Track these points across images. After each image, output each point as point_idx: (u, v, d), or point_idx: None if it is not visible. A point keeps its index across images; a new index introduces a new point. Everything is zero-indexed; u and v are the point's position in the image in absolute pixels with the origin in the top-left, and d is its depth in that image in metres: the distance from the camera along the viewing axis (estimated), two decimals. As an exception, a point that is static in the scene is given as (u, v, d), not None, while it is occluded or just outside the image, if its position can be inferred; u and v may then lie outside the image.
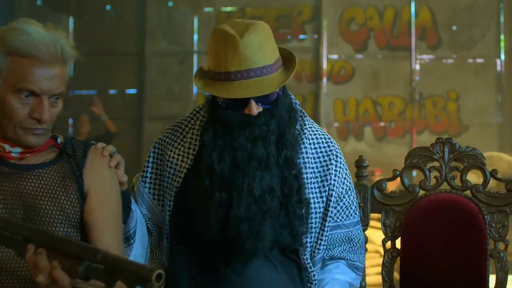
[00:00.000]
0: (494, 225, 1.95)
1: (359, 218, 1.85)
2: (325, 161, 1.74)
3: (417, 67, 6.92)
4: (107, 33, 6.84)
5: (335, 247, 1.81)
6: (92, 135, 5.78)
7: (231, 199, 1.63)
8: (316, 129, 1.80)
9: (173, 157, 1.75)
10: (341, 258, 1.82)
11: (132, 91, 7.13)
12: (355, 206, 1.82)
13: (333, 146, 1.78)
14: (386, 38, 6.90)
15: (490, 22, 6.86)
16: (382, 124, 6.80)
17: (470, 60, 6.98)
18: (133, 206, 1.75)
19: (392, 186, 2.22)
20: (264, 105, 1.62)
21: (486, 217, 1.94)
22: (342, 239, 1.82)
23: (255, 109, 1.60)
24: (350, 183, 1.80)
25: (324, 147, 1.77)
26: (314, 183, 1.73)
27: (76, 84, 6.77)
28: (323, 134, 1.80)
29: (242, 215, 1.61)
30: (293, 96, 1.77)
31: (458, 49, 6.87)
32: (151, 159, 1.81)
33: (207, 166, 1.66)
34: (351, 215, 1.81)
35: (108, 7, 7.02)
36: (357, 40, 6.89)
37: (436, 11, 6.86)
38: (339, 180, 1.76)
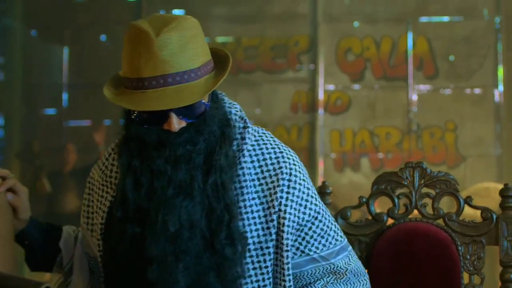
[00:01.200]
0: (468, 257, 1.83)
1: (343, 244, 1.55)
2: (272, 182, 1.45)
3: (414, 97, 6.89)
4: (102, 63, 6.85)
5: (316, 281, 1.52)
6: (82, 165, 5.76)
7: (144, 234, 1.36)
8: (264, 142, 1.51)
9: (98, 188, 1.54)
10: None
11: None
12: (334, 232, 1.54)
13: (284, 162, 1.48)
14: (383, 68, 6.89)
15: (487, 52, 6.84)
16: (379, 155, 6.76)
17: (468, 91, 6.96)
18: (62, 243, 1.58)
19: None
20: (188, 118, 1.37)
21: (460, 248, 1.82)
22: (324, 273, 1.53)
23: (176, 124, 1.35)
24: (317, 205, 1.51)
25: (271, 164, 1.47)
26: (257, 211, 1.45)
27: (71, 114, 6.81)
28: (272, 149, 1.50)
29: (153, 255, 1.34)
30: (234, 105, 1.52)
31: (456, 79, 6.86)
32: (85, 194, 1.61)
33: (120, 194, 1.41)
34: (329, 243, 1.52)
35: (103, 37, 7.01)
36: (353, 70, 6.89)
37: (433, 41, 6.85)
38: (294, 204, 1.46)
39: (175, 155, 1.36)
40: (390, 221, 1.88)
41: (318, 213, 1.52)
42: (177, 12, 6.98)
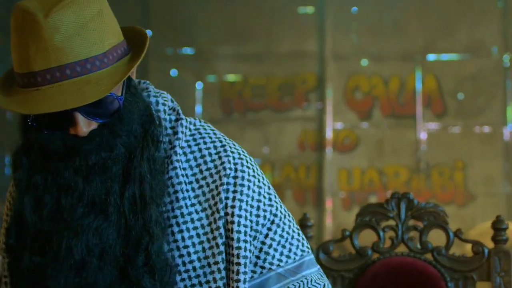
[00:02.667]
0: None
1: (311, 257, 1.30)
2: (213, 181, 1.21)
3: (423, 135, 6.90)
4: None
5: None
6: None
7: (45, 265, 1.12)
8: (202, 136, 1.27)
9: (5, 211, 1.29)
10: None
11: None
12: (298, 240, 1.27)
13: (227, 156, 1.23)
14: (391, 106, 6.92)
15: (496, 90, 6.86)
16: (387, 193, 6.75)
17: (477, 129, 6.95)
18: None
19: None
20: (99, 118, 1.12)
21: (449, 284, 1.74)
22: None
23: (84, 126, 1.11)
24: (273, 206, 1.25)
25: (212, 160, 1.23)
26: (199, 219, 1.20)
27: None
28: (212, 143, 1.26)
29: None
30: (162, 95, 1.27)
31: (464, 117, 6.86)
32: (4, 215, 1.34)
33: (16, 216, 1.16)
34: (294, 254, 1.27)
35: None
36: (362, 108, 6.92)
37: (441, 79, 6.89)
38: (244, 204, 1.21)
39: (86, 164, 1.11)
40: (375, 255, 1.81)
41: (276, 215, 1.26)
42: (186, 50, 7.09)
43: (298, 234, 1.30)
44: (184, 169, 1.24)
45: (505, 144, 6.98)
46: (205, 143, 1.27)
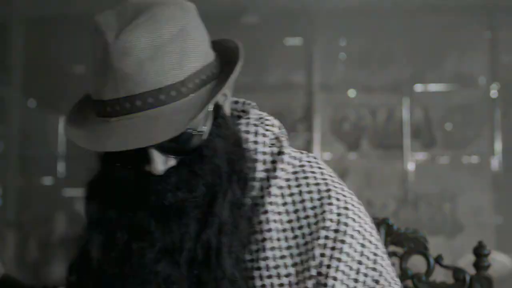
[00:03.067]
0: None
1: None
2: (310, 233, 1.04)
3: (411, 166, 6.99)
4: None
5: None
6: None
7: None
8: (306, 175, 1.08)
9: None
10: None
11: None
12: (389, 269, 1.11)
13: (329, 204, 1.05)
14: (379, 137, 7.01)
15: (484, 120, 6.96)
16: (376, 224, 6.83)
17: (465, 159, 7.04)
18: None
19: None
20: (177, 154, 0.98)
21: None
22: None
23: (161, 164, 0.97)
24: (379, 271, 1.07)
25: (312, 208, 1.05)
26: (287, 275, 1.04)
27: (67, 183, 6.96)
28: (316, 185, 1.06)
29: None
30: (263, 120, 1.10)
31: (453, 148, 6.95)
32: None
33: (79, 252, 1.05)
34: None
35: None
36: (349, 139, 6.99)
37: (429, 109, 7.00)
38: (342, 266, 1.03)
39: (161, 205, 0.98)
40: (355, 284, 1.80)
41: (377, 282, 1.06)
42: None
43: (388, 265, 1.12)
44: (279, 213, 1.06)
45: (493, 174, 7.08)
46: (307, 184, 1.08)
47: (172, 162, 0.99)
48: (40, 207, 6.89)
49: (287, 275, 1.03)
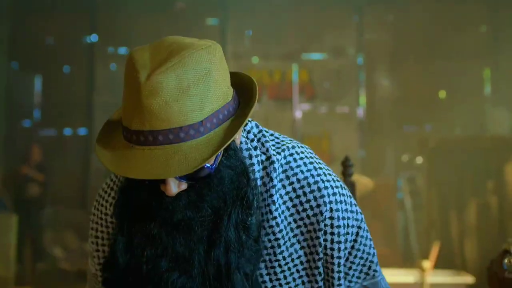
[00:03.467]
0: None
1: (382, 276, 1.28)
2: (311, 224, 1.13)
3: (298, 114, 8.63)
4: (65, 87, 8.72)
5: None
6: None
7: None
8: (294, 172, 1.15)
9: (92, 241, 1.24)
10: None
11: (83, 131, 9.08)
12: (373, 261, 1.24)
13: (321, 197, 1.14)
14: (275, 92, 8.57)
15: (352, 81, 8.56)
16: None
17: (338, 109, 8.69)
18: None
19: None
20: (189, 180, 1.02)
21: None
22: None
23: (174, 187, 1.01)
24: (361, 235, 1.20)
25: (307, 201, 1.13)
26: (298, 257, 1.15)
27: (41, 124, 8.73)
28: (305, 179, 1.15)
29: None
30: (255, 144, 1.15)
31: (329, 101, 8.59)
32: (92, 238, 1.27)
33: (109, 252, 1.10)
34: (374, 271, 1.25)
35: (66, 68, 8.77)
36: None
37: (312, 73, 8.61)
38: (342, 246, 1.16)
39: (171, 220, 1.03)
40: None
41: (362, 240, 1.21)
42: (122, 50, 8.73)
43: (373, 255, 1.23)
44: (283, 211, 1.13)
45: (359, 121, 8.79)
46: (298, 180, 1.14)
47: (183, 186, 1.02)
48: (20, 144, 8.65)
49: (298, 257, 1.15)
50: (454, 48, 8.15)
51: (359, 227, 1.22)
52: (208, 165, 1.04)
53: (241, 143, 1.15)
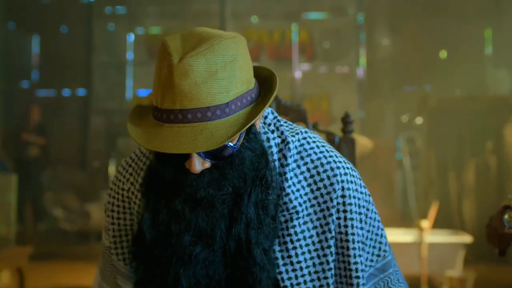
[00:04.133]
0: None
1: (391, 257, 1.31)
2: (324, 202, 1.19)
3: (298, 74, 8.64)
4: (63, 47, 8.68)
5: None
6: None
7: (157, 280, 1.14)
8: (308, 153, 1.22)
9: (108, 214, 1.30)
10: None
11: (82, 92, 9.08)
12: (382, 242, 1.28)
13: (334, 176, 1.20)
14: (274, 52, 8.56)
15: (352, 41, 8.53)
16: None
17: (338, 69, 8.69)
18: None
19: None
20: (212, 159, 1.09)
21: None
22: None
23: (198, 165, 1.07)
24: (370, 216, 1.25)
25: (321, 180, 1.20)
26: (310, 236, 1.19)
27: (40, 85, 8.72)
28: (318, 160, 1.21)
29: None
30: (273, 126, 1.21)
31: (329, 61, 8.57)
32: (108, 211, 1.31)
33: (138, 229, 1.18)
34: (384, 252, 1.28)
35: (64, 28, 8.73)
36: (253, 54, 8.42)
37: (312, 32, 8.59)
38: (356, 222, 1.21)
39: (194, 197, 1.09)
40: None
41: (374, 219, 1.27)
42: (120, 9, 8.66)
43: (382, 235, 1.28)
44: (298, 190, 1.19)
45: (358, 81, 8.83)
46: (312, 161, 1.21)
47: (207, 164, 1.08)
48: (19, 105, 8.61)
49: (310, 236, 1.19)
50: (455, 7, 8.09)
51: (367, 209, 1.27)
52: (231, 145, 1.10)
53: (266, 130, 1.23)
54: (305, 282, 1.20)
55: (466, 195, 7.22)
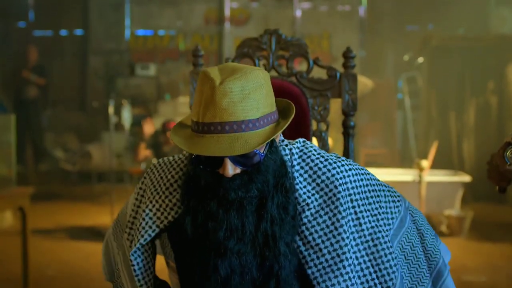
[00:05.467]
0: (316, 108, 1.88)
1: (406, 203, 1.51)
2: (330, 190, 1.40)
3: (298, 13, 8.57)
4: None
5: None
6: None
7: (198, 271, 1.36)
8: (308, 155, 1.45)
9: (133, 209, 1.51)
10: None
11: (79, 32, 9.01)
12: (390, 200, 1.48)
13: (334, 168, 1.42)
14: None
15: None
16: (271, 56, 8.64)
17: (339, 8, 8.64)
18: None
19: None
20: (243, 166, 1.31)
21: (309, 100, 1.87)
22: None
23: (231, 170, 1.30)
24: (374, 189, 1.46)
25: (323, 173, 1.42)
26: (324, 221, 1.39)
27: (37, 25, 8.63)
28: (317, 159, 1.44)
29: None
30: (282, 145, 1.43)
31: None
32: (129, 205, 1.55)
33: (179, 225, 1.39)
34: (394, 213, 1.47)
35: None
36: None
37: None
38: (361, 202, 1.42)
39: (227, 199, 1.31)
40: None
41: (378, 194, 1.47)
42: None
43: (389, 191, 1.49)
44: (305, 186, 1.40)
45: (360, 20, 8.82)
46: (312, 160, 1.43)
47: (238, 170, 1.31)
48: (17, 45, 8.61)
49: (324, 221, 1.38)
50: None
51: (369, 184, 1.47)
52: (259, 152, 1.32)
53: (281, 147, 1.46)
54: (326, 260, 1.38)
55: (466, 135, 7.22)
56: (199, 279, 1.35)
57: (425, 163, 5.14)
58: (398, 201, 1.50)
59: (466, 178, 5.48)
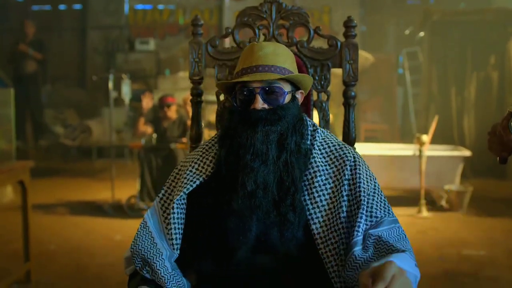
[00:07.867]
0: (317, 78, 1.91)
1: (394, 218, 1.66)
2: (339, 164, 1.65)
3: None
4: None
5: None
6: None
7: (229, 193, 1.60)
8: (330, 139, 1.72)
9: (190, 170, 1.72)
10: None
11: (78, 6, 8.95)
12: (386, 206, 1.66)
13: (346, 150, 1.68)
14: None
15: None
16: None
17: None
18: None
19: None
20: (270, 103, 1.60)
21: (310, 70, 1.90)
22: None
23: (260, 103, 1.59)
24: (372, 183, 1.67)
25: (336, 151, 1.68)
26: (330, 188, 1.63)
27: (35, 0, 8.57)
28: (336, 141, 1.72)
29: (234, 208, 1.58)
30: (307, 118, 1.70)
31: None
32: (167, 184, 1.77)
33: (217, 164, 1.66)
34: (387, 211, 1.66)
35: None
36: None
37: None
38: (363, 175, 1.65)
39: (255, 128, 1.58)
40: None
41: (375, 188, 1.66)
42: None
43: (385, 202, 1.68)
44: (320, 159, 1.66)
45: None
46: (331, 143, 1.69)
47: (265, 106, 1.61)
48: (14, 19, 8.52)
49: (330, 188, 1.63)
50: None
51: (372, 177, 1.70)
52: (285, 91, 1.64)
53: (302, 112, 1.74)
54: (328, 219, 1.61)
55: (467, 110, 7.20)
56: (229, 196, 1.59)
57: (426, 138, 5.14)
58: (393, 214, 1.67)
59: (466, 152, 5.48)
